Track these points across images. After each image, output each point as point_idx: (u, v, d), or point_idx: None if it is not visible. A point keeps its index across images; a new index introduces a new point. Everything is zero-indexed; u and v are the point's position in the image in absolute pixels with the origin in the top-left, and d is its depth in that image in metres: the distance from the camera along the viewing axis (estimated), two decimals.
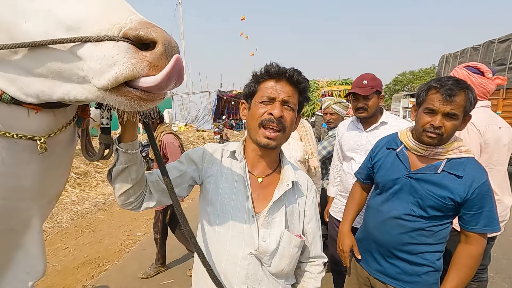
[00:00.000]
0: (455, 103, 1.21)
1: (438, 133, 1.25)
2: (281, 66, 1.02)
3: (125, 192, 0.92)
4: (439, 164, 1.30)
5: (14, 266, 0.84)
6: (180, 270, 3.24)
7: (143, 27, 0.57)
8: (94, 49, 0.56)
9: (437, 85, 1.25)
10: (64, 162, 0.89)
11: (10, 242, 0.82)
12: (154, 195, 1.01)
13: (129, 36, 0.56)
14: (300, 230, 1.10)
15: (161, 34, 0.58)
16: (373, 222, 1.50)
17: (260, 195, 1.06)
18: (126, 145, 0.87)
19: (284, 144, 1.15)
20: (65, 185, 0.97)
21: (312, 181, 1.20)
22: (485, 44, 6.91)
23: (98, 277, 3.15)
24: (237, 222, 1.01)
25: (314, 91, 11.21)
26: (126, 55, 0.55)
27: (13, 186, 0.74)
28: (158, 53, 0.57)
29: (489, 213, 1.24)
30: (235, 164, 1.08)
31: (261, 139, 0.99)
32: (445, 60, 8.86)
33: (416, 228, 1.33)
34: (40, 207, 0.85)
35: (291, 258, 1.04)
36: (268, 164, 1.09)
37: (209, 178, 1.08)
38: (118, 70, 0.55)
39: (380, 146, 1.57)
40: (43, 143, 0.72)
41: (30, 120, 0.70)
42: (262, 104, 1.00)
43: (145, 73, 0.57)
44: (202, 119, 17.76)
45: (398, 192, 1.39)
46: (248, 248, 1.00)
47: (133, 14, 0.60)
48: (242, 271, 1.00)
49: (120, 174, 0.89)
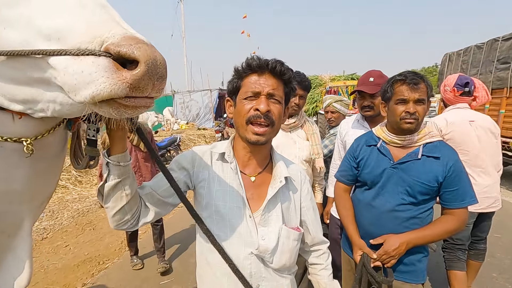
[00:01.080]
0: (421, 89, 1.37)
1: (414, 118, 1.38)
2: (263, 59, 0.98)
3: (120, 210, 0.89)
4: (417, 150, 1.43)
5: (3, 269, 0.82)
6: (181, 269, 3.23)
7: (126, 43, 0.53)
8: (72, 62, 0.53)
9: (401, 78, 1.42)
10: (55, 164, 0.87)
11: (1, 245, 0.81)
12: (150, 208, 0.99)
13: (110, 52, 0.53)
14: (297, 222, 1.10)
15: (145, 53, 0.53)
16: (368, 219, 1.52)
17: (254, 194, 1.04)
18: (117, 157, 0.83)
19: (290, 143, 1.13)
20: (56, 185, 0.95)
21: (304, 172, 1.19)
22: (489, 42, 6.82)
23: (98, 275, 3.15)
24: (235, 223, 1.00)
25: (317, 87, 10.33)
26: (105, 74, 0.52)
27: (2, 190, 0.72)
28: (139, 74, 0.53)
29: (466, 188, 1.38)
30: (226, 167, 1.06)
31: (250, 136, 0.96)
32: (448, 59, 8.77)
33: (409, 217, 1.42)
34: (31, 209, 0.84)
35: (291, 252, 1.04)
36: (259, 161, 1.07)
37: (201, 182, 1.05)
38: (95, 89, 0.52)
39: (360, 145, 1.62)
40: (30, 145, 0.70)
41: (15, 124, 0.69)
42: (247, 100, 0.97)
43: (125, 95, 0.54)
44: (204, 118, 17.74)
45: (387, 184, 1.46)
46: (249, 248, 0.99)
47: (117, 26, 0.56)
48: (245, 271, 0.99)
49: (113, 190, 0.86)
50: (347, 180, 1.67)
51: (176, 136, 9.07)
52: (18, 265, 0.83)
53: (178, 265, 3.30)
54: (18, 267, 0.83)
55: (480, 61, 7.05)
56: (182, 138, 9.96)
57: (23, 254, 0.83)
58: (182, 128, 15.22)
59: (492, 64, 6.57)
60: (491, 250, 3.46)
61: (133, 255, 3.30)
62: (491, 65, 6.63)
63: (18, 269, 0.83)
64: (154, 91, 0.58)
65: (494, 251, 3.44)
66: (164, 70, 0.58)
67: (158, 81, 0.58)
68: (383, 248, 1.39)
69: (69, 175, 6.30)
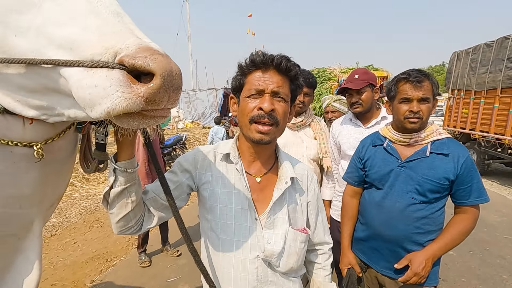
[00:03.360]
0: (425, 88, 1.35)
1: (418, 117, 1.36)
2: (267, 54, 0.93)
3: (124, 217, 0.88)
4: (425, 148, 1.40)
5: (14, 270, 0.83)
6: (188, 267, 3.24)
7: (141, 54, 0.51)
8: (85, 75, 0.51)
9: (405, 76, 1.39)
10: (65, 167, 0.87)
11: (12, 247, 0.81)
12: (153, 213, 0.97)
13: (125, 64, 0.51)
14: (304, 223, 1.07)
15: (160, 64, 0.51)
16: (378, 220, 1.49)
17: (259, 196, 1.01)
18: (125, 163, 0.81)
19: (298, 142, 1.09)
20: (67, 187, 0.95)
21: (312, 171, 1.16)
22: (499, 41, 6.70)
23: (106, 272, 3.18)
24: (240, 226, 0.98)
25: (325, 81, 9.88)
26: (120, 89, 0.50)
27: (12, 195, 0.72)
28: (154, 88, 0.52)
29: (478, 185, 1.35)
30: (230, 167, 1.03)
31: (254, 135, 0.92)
32: (456, 57, 8.65)
33: (420, 217, 1.39)
34: (41, 212, 0.84)
35: (298, 254, 1.01)
36: (264, 161, 1.04)
37: (205, 184, 1.02)
38: (110, 104, 0.50)
39: (366, 146, 1.61)
40: (40, 149, 0.69)
41: (25, 129, 0.68)
42: (250, 98, 0.93)
43: (140, 109, 0.52)
44: (209, 116, 17.78)
45: (395, 184, 1.44)
46: (255, 251, 0.97)
47: (131, 36, 0.54)
48: (252, 275, 0.97)
49: (119, 196, 0.84)
50: (354, 181, 1.66)
51: (182, 135, 9.10)
52: (27, 267, 0.83)
53: (185, 264, 3.32)
54: (27, 268, 0.83)
55: (489, 59, 6.93)
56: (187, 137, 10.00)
57: (33, 256, 0.84)
58: (187, 127, 15.27)
59: (502, 63, 6.45)
60: (501, 253, 3.42)
61: (141, 252, 3.33)
62: (501, 63, 6.51)
63: (28, 271, 0.83)
64: (169, 103, 0.56)
65: (505, 253, 3.40)
66: (180, 81, 0.56)
67: (173, 93, 0.56)
68: (412, 270, 1.34)
69: (77, 173, 6.37)
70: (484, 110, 7.04)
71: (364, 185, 1.64)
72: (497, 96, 6.54)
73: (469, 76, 7.80)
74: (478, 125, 7.21)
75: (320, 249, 1.17)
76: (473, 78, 7.58)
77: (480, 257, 3.35)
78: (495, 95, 6.60)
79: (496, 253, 3.40)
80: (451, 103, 8.80)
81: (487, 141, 6.94)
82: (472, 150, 7.42)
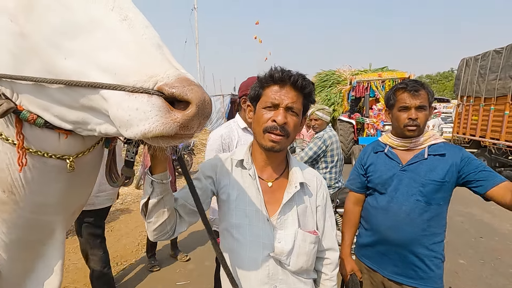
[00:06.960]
0: (422, 96, 1.44)
1: (416, 124, 1.44)
2: (285, 71, 1.02)
3: (161, 224, 0.94)
4: (423, 151, 1.49)
5: (34, 275, 0.88)
6: (196, 272, 3.27)
7: (179, 84, 0.56)
8: (126, 98, 0.55)
9: (403, 86, 1.49)
10: (89, 178, 0.92)
11: (36, 252, 0.86)
12: (185, 218, 1.04)
13: (164, 92, 0.56)
14: (314, 226, 1.13)
15: (196, 95, 0.56)
16: (385, 224, 1.52)
17: (271, 199, 1.09)
18: (161, 175, 0.90)
19: None
20: (88, 197, 1.01)
21: (321, 176, 1.21)
22: (509, 47, 6.65)
23: (116, 276, 3.22)
24: (254, 227, 1.05)
25: (334, 85, 7.96)
26: (159, 114, 0.55)
27: (40, 202, 0.78)
28: (190, 115, 0.57)
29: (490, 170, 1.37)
30: (245, 173, 1.11)
31: (266, 143, 1.02)
32: (465, 64, 8.60)
33: (426, 219, 1.43)
34: (64, 219, 0.90)
35: (308, 255, 1.07)
36: (276, 166, 1.12)
37: (223, 188, 1.11)
38: (148, 127, 0.55)
39: (367, 153, 1.67)
40: (72, 162, 0.75)
41: (60, 143, 0.74)
42: (266, 109, 1.02)
43: (174, 133, 0.57)
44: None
45: (399, 187, 1.49)
46: (267, 250, 1.04)
47: (171, 67, 0.59)
48: (264, 272, 1.04)
49: (156, 206, 0.91)
50: (356, 187, 1.70)
51: (190, 141, 9.20)
52: (49, 274, 0.88)
53: (194, 269, 3.35)
54: (48, 275, 0.88)
55: (499, 66, 6.88)
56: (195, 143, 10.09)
57: (54, 263, 0.89)
58: None
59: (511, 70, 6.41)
60: None
61: (150, 256, 3.37)
62: (511, 70, 6.46)
63: (47, 277, 0.88)
64: (198, 128, 0.61)
65: None
66: (210, 110, 0.61)
67: (204, 120, 0.61)
68: None
69: None
70: (495, 117, 6.96)
71: (367, 191, 1.68)
72: (507, 103, 6.48)
73: (478, 82, 7.75)
74: (488, 132, 7.13)
75: (328, 258, 1.19)
76: (482, 84, 7.53)
77: (491, 266, 3.28)
78: (506, 102, 6.54)
79: (508, 262, 3.33)
80: (460, 110, 8.72)
81: (498, 148, 6.85)
82: (483, 157, 7.32)
